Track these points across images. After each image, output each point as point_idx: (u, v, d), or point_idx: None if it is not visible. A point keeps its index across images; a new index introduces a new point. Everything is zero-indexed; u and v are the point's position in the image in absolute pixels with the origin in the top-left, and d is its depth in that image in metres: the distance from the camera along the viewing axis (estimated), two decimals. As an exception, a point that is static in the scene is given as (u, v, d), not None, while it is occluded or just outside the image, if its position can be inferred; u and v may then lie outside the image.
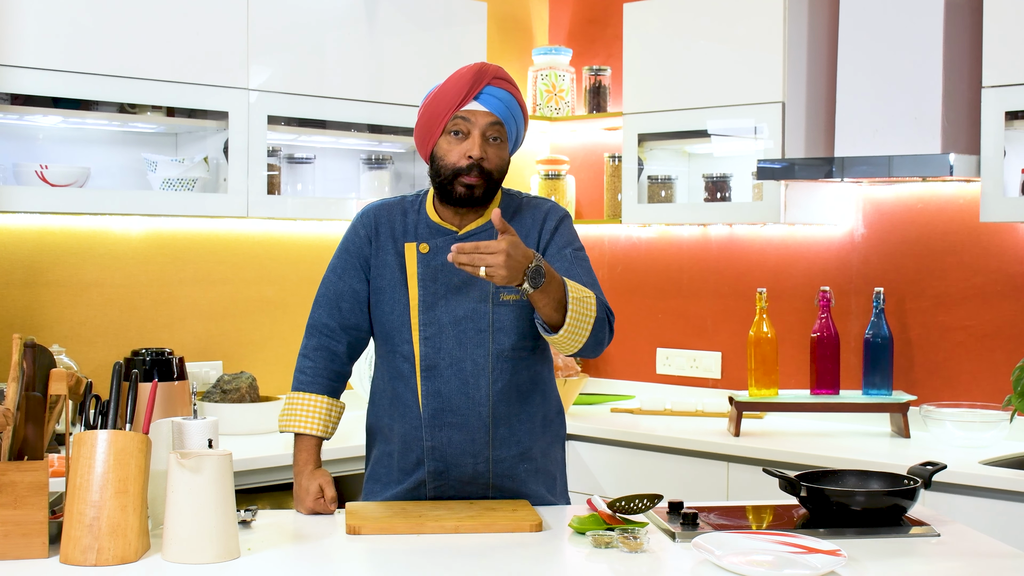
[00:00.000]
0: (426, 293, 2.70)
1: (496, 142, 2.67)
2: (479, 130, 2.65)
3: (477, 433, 2.70)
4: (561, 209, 2.81)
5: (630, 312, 4.77)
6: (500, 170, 2.70)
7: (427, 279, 2.71)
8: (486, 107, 2.65)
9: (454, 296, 2.70)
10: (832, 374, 3.96)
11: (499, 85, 2.67)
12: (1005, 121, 3.53)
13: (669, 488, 3.69)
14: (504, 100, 2.67)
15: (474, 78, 2.65)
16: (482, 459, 2.71)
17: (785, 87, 3.99)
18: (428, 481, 2.73)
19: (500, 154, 2.68)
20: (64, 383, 2.34)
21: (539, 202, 2.81)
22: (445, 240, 2.72)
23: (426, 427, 2.71)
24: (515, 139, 2.74)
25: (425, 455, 2.72)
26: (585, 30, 4.97)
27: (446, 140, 2.67)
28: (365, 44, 4.09)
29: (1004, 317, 3.87)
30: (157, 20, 3.60)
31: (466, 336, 2.69)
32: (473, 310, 2.69)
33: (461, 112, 2.65)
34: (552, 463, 2.84)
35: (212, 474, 2.23)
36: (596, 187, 4.89)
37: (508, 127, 2.68)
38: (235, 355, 4.17)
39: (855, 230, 4.20)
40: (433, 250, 2.72)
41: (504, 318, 2.70)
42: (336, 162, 4.40)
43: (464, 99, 2.65)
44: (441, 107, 2.66)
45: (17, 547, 2.22)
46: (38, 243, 3.74)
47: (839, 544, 2.34)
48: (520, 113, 2.71)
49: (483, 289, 2.70)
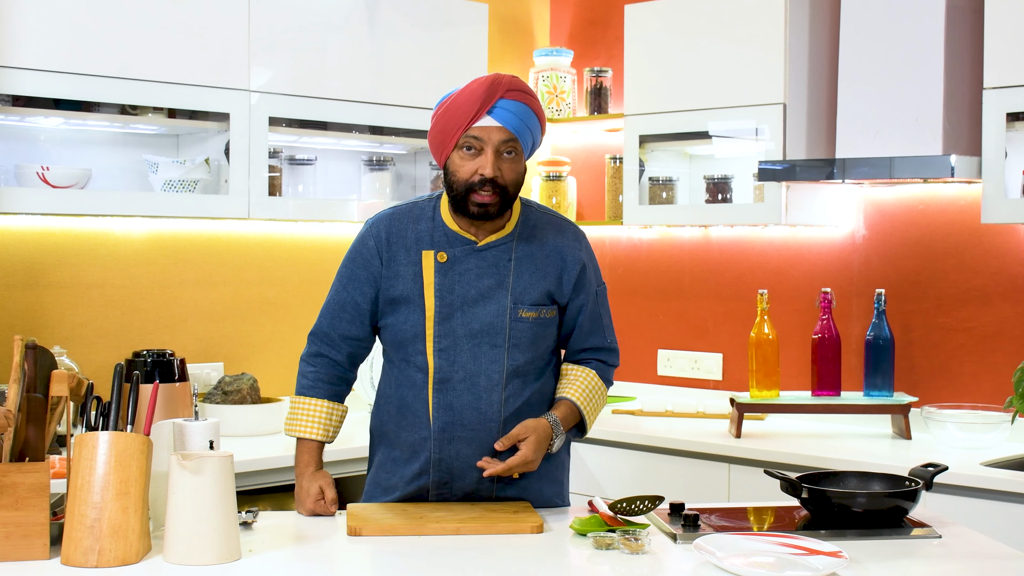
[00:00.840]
0: (442, 304, 2.66)
1: (511, 156, 2.61)
2: (492, 147, 2.58)
3: (485, 448, 2.68)
4: (583, 234, 2.80)
5: (631, 313, 4.77)
6: (515, 184, 2.64)
7: (444, 290, 2.66)
8: (500, 122, 2.58)
9: (471, 308, 2.66)
10: (833, 375, 3.96)
11: (513, 97, 2.60)
12: (1006, 122, 3.52)
13: (670, 489, 3.68)
14: (518, 113, 2.59)
15: (486, 93, 2.57)
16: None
17: (786, 88, 3.99)
18: (431, 489, 2.71)
19: (515, 168, 2.62)
20: (65, 384, 2.35)
21: (560, 222, 2.78)
22: (464, 250, 2.68)
23: (435, 439, 2.68)
24: (531, 147, 2.68)
25: (431, 466, 2.70)
26: (586, 31, 4.97)
27: (459, 155, 2.61)
28: (366, 45, 4.09)
29: (1005, 318, 3.87)
30: (158, 22, 3.60)
31: (481, 351, 2.66)
32: (490, 324, 2.66)
33: (473, 130, 2.58)
34: (557, 468, 2.82)
35: (213, 476, 2.23)
36: (597, 188, 4.89)
37: (523, 139, 2.62)
38: (236, 356, 4.17)
39: (856, 231, 4.20)
40: (451, 259, 2.67)
41: (521, 335, 2.68)
42: (337, 164, 4.40)
43: (476, 115, 2.57)
44: (453, 122, 2.59)
45: (18, 548, 2.22)
46: (39, 244, 3.74)
47: (840, 546, 2.33)
48: (536, 123, 2.64)
49: (500, 303, 2.67)
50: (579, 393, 2.75)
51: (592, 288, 2.78)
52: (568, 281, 2.72)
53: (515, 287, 2.67)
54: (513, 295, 2.67)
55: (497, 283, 2.67)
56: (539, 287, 2.69)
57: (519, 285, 2.68)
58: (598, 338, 2.80)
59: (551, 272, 2.71)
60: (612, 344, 2.83)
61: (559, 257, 2.72)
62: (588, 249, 2.80)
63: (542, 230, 2.74)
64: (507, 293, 2.67)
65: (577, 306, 2.76)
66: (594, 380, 2.79)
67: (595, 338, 2.80)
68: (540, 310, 2.69)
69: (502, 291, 2.67)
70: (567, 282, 2.72)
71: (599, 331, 2.80)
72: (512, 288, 2.67)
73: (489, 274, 2.67)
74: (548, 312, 2.71)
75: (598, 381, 2.79)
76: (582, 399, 2.74)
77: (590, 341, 2.80)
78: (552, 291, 2.71)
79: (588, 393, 2.76)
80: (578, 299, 2.75)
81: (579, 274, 2.73)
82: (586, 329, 2.78)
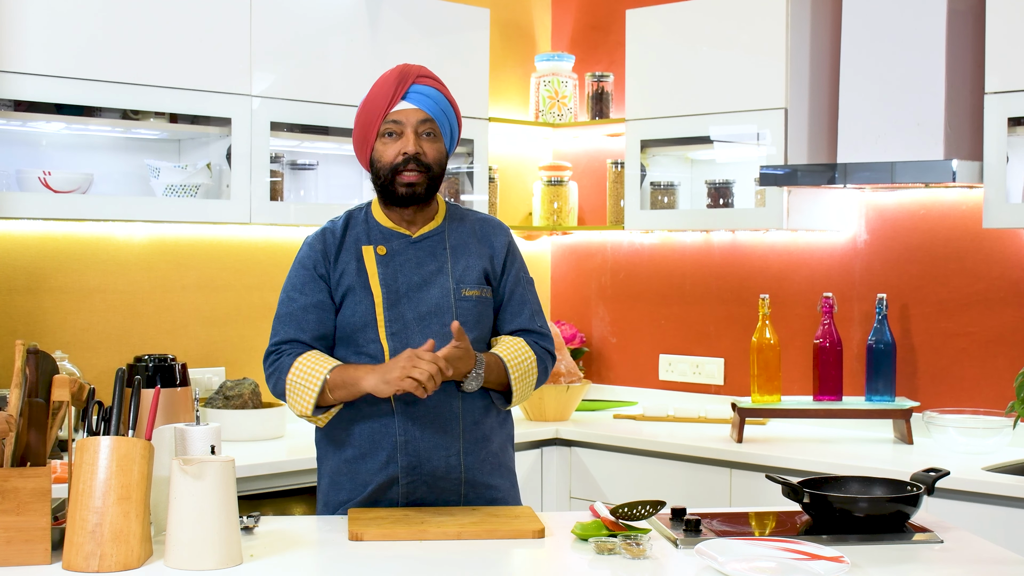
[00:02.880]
0: (389, 292, 2.76)
1: (430, 137, 2.76)
2: (411, 127, 2.74)
3: (449, 424, 2.75)
4: (507, 227, 2.94)
5: (632, 318, 4.77)
6: (438, 163, 2.78)
7: (388, 278, 2.77)
8: (415, 104, 2.74)
9: (416, 293, 2.77)
10: (835, 380, 3.95)
11: (425, 83, 2.76)
12: (1008, 127, 3.52)
13: (672, 494, 3.69)
14: (432, 96, 2.76)
15: (398, 79, 2.75)
16: (454, 452, 2.74)
17: (788, 93, 3.99)
18: (401, 477, 2.74)
19: (436, 147, 2.77)
20: (67, 389, 2.35)
21: (484, 215, 2.94)
22: (400, 243, 2.80)
23: (399, 422, 2.73)
24: (450, 135, 2.82)
25: (397, 451, 2.73)
26: (588, 36, 4.97)
27: (381, 143, 2.76)
28: (368, 50, 4.09)
29: (1007, 323, 3.87)
30: (160, 27, 3.61)
31: (431, 331, 2.74)
32: (437, 305, 2.77)
33: (391, 115, 2.74)
34: (508, 459, 2.90)
35: (215, 480, 2.23)
36: (599, 193, 4.89)
37: (440, 123, 2.77)
38: (238, 361, 4.16)
39: (858, 236, 4.20)
40: (390, 252, 2.80)
41: (467, 312, 2.78)
42: (338, 168, 4.40)
43: (392, 100, 2.73)
44: (372, 112, 2.75)
45: (20, 553, 2.22)
46: (41, 249, 3.74)
47: (842, 551, 2.33)
48: (451, 109, 2.80)
49: (444, 286, 2.78)
50: (506, 352, 2.79)
51: (517, 271, 2.88)
52: (497, 262, 2.85)
53: (455, 269, 2.80)
54: (454, 277, 2.79)
55: (437, 268, 2.79)
56: (476, 267, 2.82)
57: (458, 267, 2.80)
58: (524, 319, 2.87)
59: (483, 254, 2.84)
60: (542, 328, 2.89)
61: (487, 243, 2.86)
62: (512, 240, 2.92)
63: (469, 221, 2.89)
64: (448, 276, 2.79)
65: (504, 288, 2.86)
66: (523, 347, 2.82)
67: (521, 319, 2.87)
68: (481, 289, 2.81)
69: (443, 275, 2.79)
70: (496, 263, 2.85)
71: (525, 312, 2.87)
72: (452, 271, 2.79)
73: (428, 261, 2.80)
74: (487, 292, 2.83)
75: (528, 351, 2.82)
76: (508, 357, 2.78)
77: (516, 322, 2.87)
78: (487, 270, 2.83)
79: (515, 355, 2.79)
80: (505, 281, 2.86)
81: (505, 257, 2.86)
82: (511, 310, 2.87)
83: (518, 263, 2.90)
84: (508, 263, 2.87)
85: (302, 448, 3.65)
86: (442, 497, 2.76)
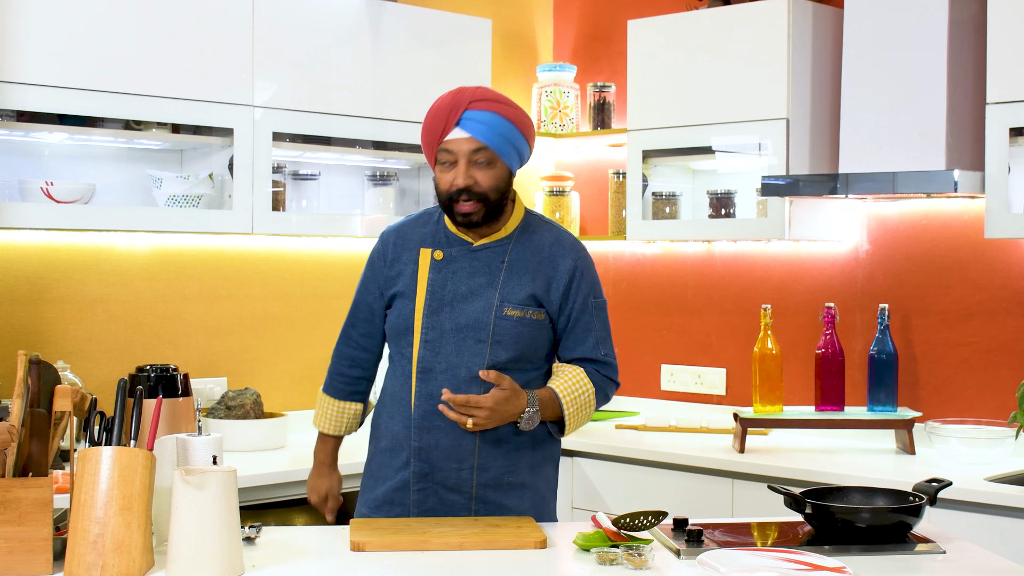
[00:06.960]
0: (432, 299, 2.77)
1: (484, 165, 2.71)
2: (464, 158, 2.70)
3: (464, 439, 2.74)
4: (582, 247, 2.86)
5: (634, 328, 4.77)
6: (495, 189, 2.73)
7: (436, 285, 2.77)
8: (468, 133, 2.69)
9: (459, 304, 2.76)
10: (837, 390, 3.95)
11: (480, 107, 2.69)
12: (1009, 137, 3.53)
13: (674, 505, 3.68)
14: (487, 122, 2.69)
15: (451, 106, 2.70)
16: (466, 466, 2.74)
17: (789, 103, 3.99)
18: (412, 482, 2.77)
19: (492, 175, 2.71)
20: (69, 399, 2.35)
21: (559, 232, 2.85)
22: (460, 250, 2.79)
23: (416, 427, 2.76)
24: (514, 155, 2.75)
25: (412, 456, 2.77)
26: (589, 47, 4.98)
27: (439, 169, 2.76)
28: (370, 61, 4.10)
29: (1009, 333, 3.87)
30: (162, 37, 3.61)
31: (465, 344, 2.74)
32: (476, 320, 2.75)
33: (444, 144, 2.71)
34: (542, 482, 2.85)
35: (216, 491, 2.23)
36: (600, 203, 4.89)
37: (497, 148, 2.70)
38: (240, 371, 4.17)
39: (859, 246, 4.20)
40: (447, 258, 2.79)
41: (505, 332, 2.74)
42: (341, 179, 4.41)
43: (445, 129, 2.70)
44: (428, 141, 2.76)
45: (21, 564, 2.22)
46: (43, 259, 3.75)
47: (844, 561, 2.33)
48: (511, 129, 2.71)
49: (488, 300, 2.75)
50: (562, 386, 2.79)
51: (584, 298, 2.82)
52: (556, 288, 2.79)
53: (504, 286, 2.76)
54: (501, 293, 2.76)
55: (488, 281, 2.77)
56: (526, 288, 2.77)
57: (508, 285, 2.77)
58: (587, 348, 2.83)
59: (541, 277, 2.78)
60: (605, 357, 2.85)
61: (551, 264, 2.79)
62: (585, 261, 2.84)
63: (540, 237, 2.82)
64: (495, 291, 2.76)
65: (567, 314, 2.82)
66: (581, 379, 2.80)
67: (584, 348, 2.83)
68: (526, 310, 2.77)
69: (491, 289, 2.76)
70: (555, 289, 2.79)
71: (589, 341, 2.83)
72: (501, 287, 2.76)
73: (481, 273, 2.77)
74: (535, 314, 2.77)
75: (586, 382, 2.81)
76: (564, 391, 2.78)
77: (579, 351, 2.84)
78: (539, 295, 2.78)
79: (572, 388, 2.79)
80: (567, 307, 2.81)
81: (568, 283, 2.80)
82: (575, 338, 2.83)
83: (586, 287, 2.82)
84: (573, 289, 2.80)
85: (304, 458, 3.64)
86: (452, 510, 2.76)
